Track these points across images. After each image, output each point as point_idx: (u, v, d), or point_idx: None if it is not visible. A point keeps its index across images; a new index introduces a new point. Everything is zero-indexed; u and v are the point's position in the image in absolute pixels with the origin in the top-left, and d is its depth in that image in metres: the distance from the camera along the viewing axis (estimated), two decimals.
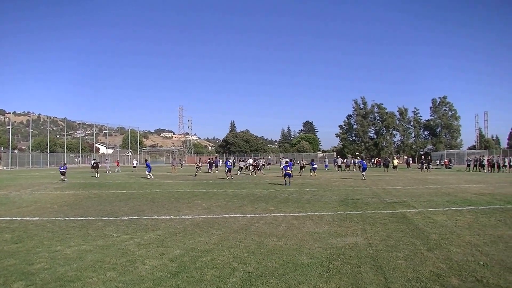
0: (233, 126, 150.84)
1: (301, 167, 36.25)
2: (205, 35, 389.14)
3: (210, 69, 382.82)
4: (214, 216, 11.28)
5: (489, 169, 42.98)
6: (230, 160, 36.92)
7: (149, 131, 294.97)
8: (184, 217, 11.12)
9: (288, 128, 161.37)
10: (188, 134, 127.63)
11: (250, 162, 49.30)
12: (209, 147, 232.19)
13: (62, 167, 28.49)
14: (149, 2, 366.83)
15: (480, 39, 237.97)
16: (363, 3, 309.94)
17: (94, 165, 34.67)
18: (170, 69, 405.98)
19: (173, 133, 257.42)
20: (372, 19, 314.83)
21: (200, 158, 55.45)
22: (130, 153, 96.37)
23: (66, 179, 27.13)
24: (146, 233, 8.78)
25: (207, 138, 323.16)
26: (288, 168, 23.05)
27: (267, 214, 11.49)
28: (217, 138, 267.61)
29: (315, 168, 33.71)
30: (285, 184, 22.24)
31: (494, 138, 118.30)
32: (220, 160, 46.32)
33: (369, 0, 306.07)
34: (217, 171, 39.80)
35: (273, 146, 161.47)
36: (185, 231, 9.01)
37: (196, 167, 36.32)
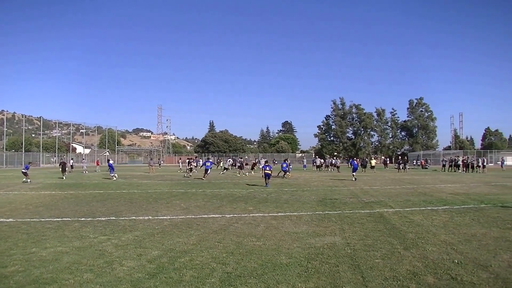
0: (212, 126, 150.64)
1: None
2: (183, 35, 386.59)
3: (189, 68, 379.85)
4: (193, 216, 11.24)
5: (464, 169, 43.84)
6: (210, 160, 36.18)
7: (127, 130, 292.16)
8: (162, 217, 11.04)
9: (267, 128, 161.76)
10: (166, 133, 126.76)
11: (230, 163, 49.27)
12: (188, 147, 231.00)
13: (24, 167, 26.89)
14: (125, 1, 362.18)
15: (455, 41, 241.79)
16: (340, 2, 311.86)
17: (61, 165, 31.98)
18: (149, 68, 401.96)
19: (152, 133, 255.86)
20: (350, 18, 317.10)
21: (181, 158, 55.28)
22: (107, 152, 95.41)
23: (28, 180, 25.55)
24: (123, 234, 8.70)
25: (186, 138, 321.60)
26: (268, 169, 22.83)
27: (246, 214, 11.49)
28: (195, 138, 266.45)
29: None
30: (265, 185, 22.07)
31: (469, 139, 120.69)
32: (201, 160, 46.02)
33: None
34: (196, 171, 39.67)
35: (252, 146, 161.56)
36: (164, 231, 8.96)
37: (189, 168, 35.57)
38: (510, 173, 39.44)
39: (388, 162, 65.05)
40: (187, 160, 45.04)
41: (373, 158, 61.11)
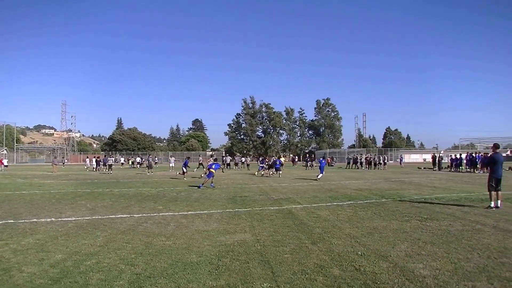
0: (120, 123, 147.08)
1: (270, 166, 33.87)
2: (88, 26, 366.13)
3: (94, 64, 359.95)
4: (100, 217, 10.81)
5: (367, 166, 46.35)
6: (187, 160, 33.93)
7: (27, 127, 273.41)
8: (66, 219, 10.50)
9: (177, 126, 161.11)
10: (71, 131, 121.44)
11: (138, 161, 48.23)
12: (94, 145, 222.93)
13: None
14: None
15: (358, 43, 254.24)
16: None
17: None
18: (51, 60, 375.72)
19: (55, 130, 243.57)
20: (260, 14, 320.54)
21: (88, 156, 53.10)
22: (5, 151, 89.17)
23: None
24: (23, 237, 8.16)
25: (92, 135, 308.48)
26: (214, 167, 21.42)
27: (155, 214, 11.27)
28: (102, 136, 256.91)
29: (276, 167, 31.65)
30: (199, 186, 20.53)
31: (371, 137, 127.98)
32: (112, 159, 44.57)
33: None
34: (105, 170, 38.46)
35: (161, 144, 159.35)
36: (68, 234, 8.53)
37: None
38: (408, 170, 42.36)
39: (296, 160, 67.12)
40: (94, 159, 43.67)
41: (282, 156, 62.60)
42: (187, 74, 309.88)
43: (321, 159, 31.79)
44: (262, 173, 32.46)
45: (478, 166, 35.47)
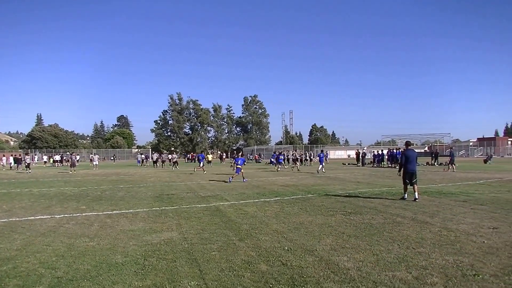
0: (39, 119, 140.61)
1: (295, 160, 36.23)
2: (9, 21, 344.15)
3: (11, 56, 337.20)
4: (17, 219, 10.24)
5: (293, 163, 47.33)
6: (202, 154, 34.85)
7: None
8: None
9: (102, 122, 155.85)
10: None
11: (57, 159, 46.42)
12: (12, 143, 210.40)
13: None
14: None
15: (287, 41, 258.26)
16: None
17: None
18: None
19: None
20: (192, 14, 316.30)
21: (4, 155, 50.13)
22: None
23: None
24: None
25: (9, 132, 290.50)
26: (240, 163, 21.61)
27: (78, 214, 10.85)
28: (21, 133, 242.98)
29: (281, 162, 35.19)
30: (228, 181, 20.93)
31: (298, 134, 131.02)
32: (35, 156, 42.31)
33: None
34: (26, 169, 36.60)
35: (85, 142, 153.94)
36: None
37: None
38: (333, 165, 43.77)
39: (224, 157, 67.23)
40: (11, 157, 41.55)
41: (210, 153, 62.58)
42: (111, 67, 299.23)
43: (321, 153, 33.43)
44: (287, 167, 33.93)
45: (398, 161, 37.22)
